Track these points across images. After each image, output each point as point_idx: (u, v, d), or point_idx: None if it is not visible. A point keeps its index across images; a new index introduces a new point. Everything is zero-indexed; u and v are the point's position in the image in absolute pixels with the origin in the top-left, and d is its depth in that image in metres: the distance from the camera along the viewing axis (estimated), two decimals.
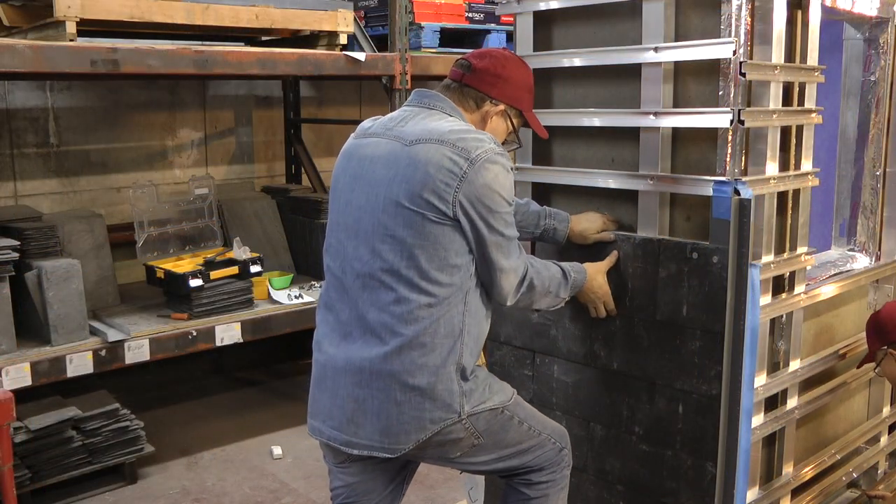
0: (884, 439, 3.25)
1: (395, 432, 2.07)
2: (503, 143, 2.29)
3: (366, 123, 2.27)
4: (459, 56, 2.29)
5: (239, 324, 3.95)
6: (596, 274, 2.46)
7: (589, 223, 2.55)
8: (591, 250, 2.57)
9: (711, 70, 2.34)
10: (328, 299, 2.23)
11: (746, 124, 2.28)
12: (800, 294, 2.59)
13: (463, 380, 2.10)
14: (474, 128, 2.16)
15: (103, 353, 3.59)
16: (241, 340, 3.98)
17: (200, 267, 3.95)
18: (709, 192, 2.32)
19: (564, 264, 2.34)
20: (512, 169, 2.13)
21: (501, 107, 2.23)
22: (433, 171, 2.01)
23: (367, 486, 2.24)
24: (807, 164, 2.56)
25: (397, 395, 2.05)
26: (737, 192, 2.23)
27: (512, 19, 2.84)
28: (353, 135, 2.28)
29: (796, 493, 2.76)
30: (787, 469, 2.68)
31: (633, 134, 2.53)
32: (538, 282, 2.21)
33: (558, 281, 2.29)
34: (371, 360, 2.07)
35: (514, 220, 2.14)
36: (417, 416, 2.06)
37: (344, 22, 4.22)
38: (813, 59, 2.52)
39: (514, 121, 2.28)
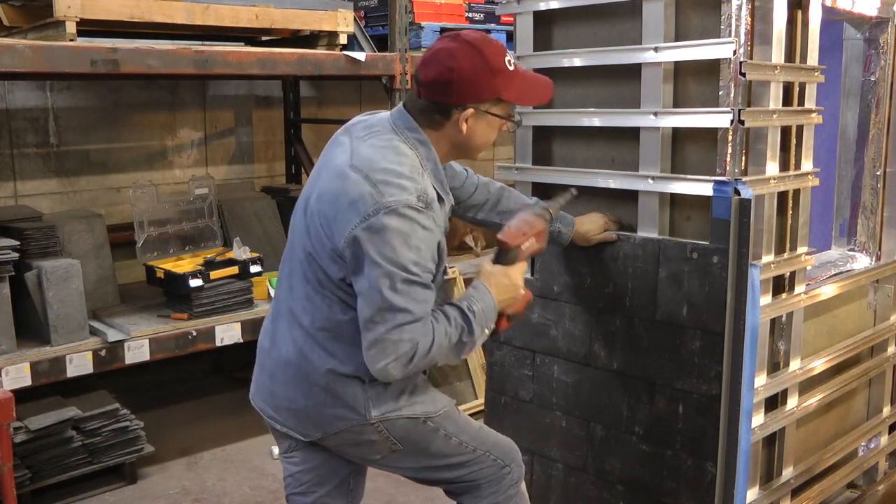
0: (884, 439, 3.25)
1: (302, 420, 2.13)
2: (506, 129, 2.10)
3: (359, 117, 2.19)
4: (421, 60, 2.08)
5: (239, 324, 3.95)
6: (501, 284, 2.11)
7: (591, 224, 2.54)
8: (592, 251, 2.57)
9: (711, 70, 2.34)
10: (279, 276, 2.25)
11: (746, 124, 2.28)
12: (800, 294, 2.59)
13: (367, 384, 2.06)
14: (424, 170, 1.99)
15: (103, 353, 3.59)
16: (241, 340, 3.98)
17: (200, 267, 3.95)
18: (709, 192, 2.32)
19: (464, 298, 2.05)
20: (428, 228, 1.93)
21: (470, 109, 1.99)
22: (344, 203, 1.93)
23: (310, 477, 2.25)
24: (807, 164, 2.56)
25: (303, 387, 2.09)
26: (737, 192, 2.23)
27: (512, 19, 2.84)
28: (345, 125, 2.20)
29: (796, 493, 2.76)
30: (787, 469, 2.68)
31: (633, 134, 2.53)
32: (434, 350, 1.94)
33: (456, 331, 1.99)
34: (287, 349, 2.11)
35: (411, 288, 1.89)
36: (321, 411, 2.09)
37: (344, 22, 4.21)
38: (813, 59, 2.52)
39: (495, 109, 2.02)
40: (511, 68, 2.02)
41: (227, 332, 3.92)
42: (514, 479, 2.25)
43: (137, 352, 3.67)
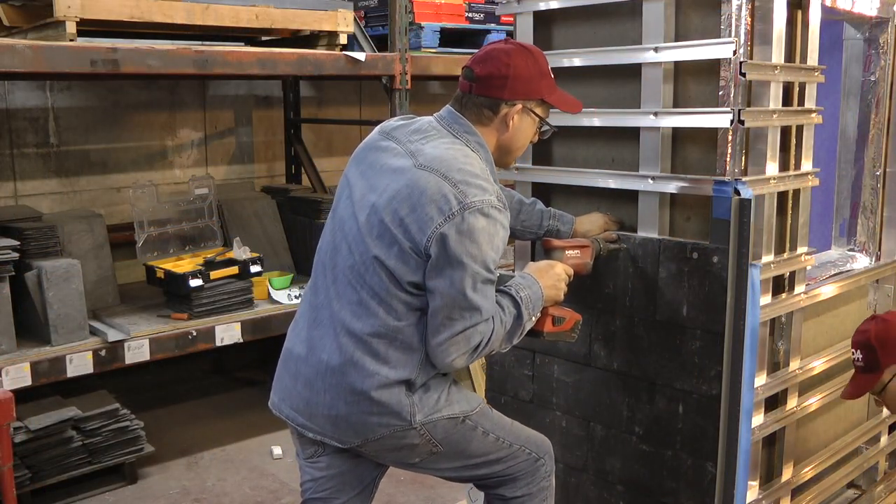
0: (884, 439, 3.25)
1: (341, 427, 2.10)
2: (540, 134, 2.23)
3: (393, 122, 2.25)
4: (465, 61, 2.22)
5: (239, 324, 3.95)
6: (550, 277, 2.24)
7: (591, 224, 2.55)
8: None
9: (711, 70, 2.34)
10: (313, 282, 2.22)
11: (746, 124, 2.28)
12: (800, 294, 2.59)
13: (410, 391, 2.08)
14: (488, 168, 2.10)
15: (103, 353, 3.59)
16: (241, 340, 3.98)
17: (200, 267, 3.95)
18: (709, 192, 2.32)
19: (514, 287, 2.15)
20: (506, 228, 2.04)
21: (518, 105, 2.13)
22: (425, 202, 1.97)
23: (334, 483, 2.24)
24: (807, 164, 2.56)
25: (347, 395, 2.06)
26: (737, 192, 2.23)
27: (512, 19, 2.84)
28: (377, 129, 2.26)
29: (796, 493, 2.76)
30: (787, 469, 2.68)
31: (633, 134, 2.53)
32: (494, 339, 2.05)
33: (511, 320, 2.10)
34: (331, 356, 2.08)
35: (487, 288, 2.00)
36: (364, 418, 2.07)
37: (344, 22, 4.21)
38: (813, 59, 2.52)
39: (538, 110, 2.17)
40: (552, 77, 2.21)
41: (227, 332, 3.92)
42: (548, 472, 2.31)
43: (137, 352, 3.67)
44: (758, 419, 2.49)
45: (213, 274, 3.93)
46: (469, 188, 1.98)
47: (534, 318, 2.17)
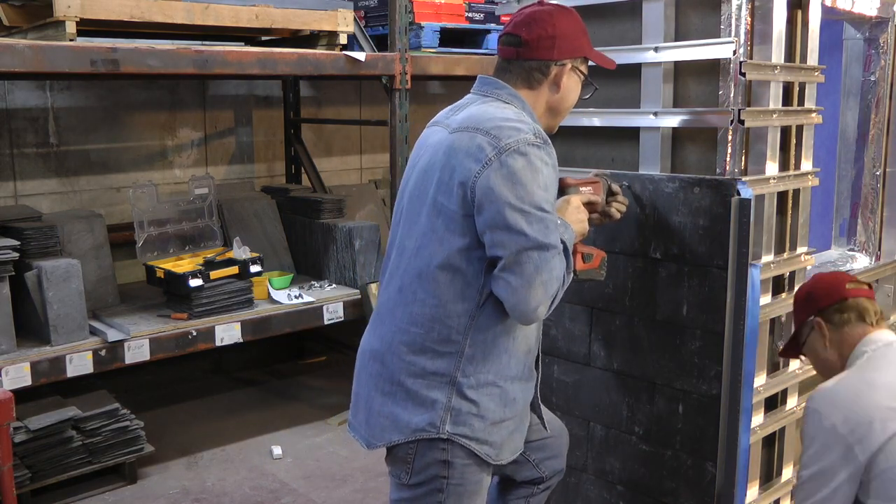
0: None
1: (372, 424, 2.05)
2: (583, 93, 2.19)
3: (441, 113, 2.21)
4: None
5: (239, 324, 3.95)
6: (572, 212, 2.15)
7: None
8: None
9: (711, 70, 2.34)
10: (382, 281, 2.18)
11: (746, 124, 2.28)
12: None
13: (458, 395, 1.97)
14: (526, 115, 2.04)
15: (103, 353, 3.59)
16: (241, 340, 3.98)
17: (200, 267, 3.95)
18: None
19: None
20: (550, 165, 1.95)
21: (568, 65, 2.09)
22: (461, 158, 1.93)
23: None
24: (807, 164, 2.56)
25: (385, 387, 2.02)
26: (737, 192, 2.23)
27: None
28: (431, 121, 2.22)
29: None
30: (787, 469, 2.68)
31: (633, 134, 2.53)
32: (562, 281, 1.97)
33: (565, 264, 2.01)
34: (379, 345, 2.05)
35: (547, 224, 1.90)
36: (396, 414, 2.00)
37: (344, 22, 4.22)
38: (813, 59, 2.52)
39: (582, 68, 2.14)
40: (588, 35, 2.17)
41: (227, 332, 3.92)
42: None
43: (137, 352, 3.67)
44: (758, 419, 2.49)
45: (213, 274, 3.93)
46: (502, 131, 1.92)
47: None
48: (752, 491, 2.54)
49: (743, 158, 2.36)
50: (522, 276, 1.88)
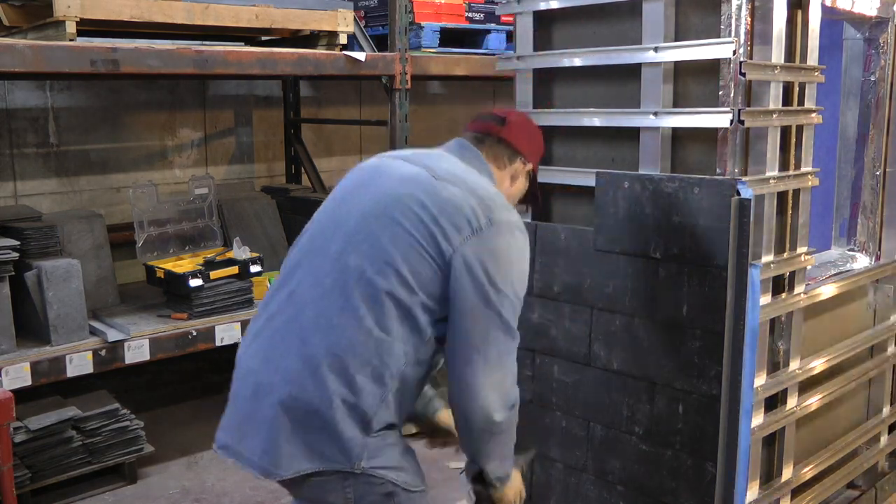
0: (884, 439, 3.25)
1: (275, 453, 1.87)
2: (521, 203, 2.24)
3: (394, 151, 2.17)
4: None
5: (239, 324, 3.95)
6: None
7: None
8: (591, 250, 2.57)
9: (711, 70, 2.34)
10: (274, 295, 2.01)
11: (746, 124, 2.28)
12: (800, 294, 2.59)
13: (364, 432, 1.83)
14: (504, 195, 2.01)
15: (103, 353, 3.59)
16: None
17: (200, 267, 3.95)
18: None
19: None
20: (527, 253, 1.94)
21: (530, 166, 2.15)
22: (450, 210, 1.84)
23: None
24: (807, 164, 2.56)
25: (299, 414, 1.83)
26: (737, 192, 2.23)
27: (512, 19, 2.84)
28: (378, 154, 2.14)
29: (796, 493, 2.76)
30: (787, 469, 2.68)
31: (633, 134, 2.53)
32: (514, 422, 1.93)
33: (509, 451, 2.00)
34: (300, 366, 1.84)
35: (516, 311, 1.88)
36: (309, 442, 1.84)
37: (344, 22, 4.22)
38: (813, 59, 2.52)
39: (529, 182, 2.19)
40: None
41: (227, 332, 3.92)
42: None
43: (137, 352, 3.67)
44: (758, 419, 2.49)
45: (213, 274, 3.93)
46: (495, 204, 1.89)
47: (508, 472, 2.05)
48: (752, 491, 2.55)
49: (743, 158, 2.36)
50: (487, 358, 1.84)
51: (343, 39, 4.25)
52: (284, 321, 1.92)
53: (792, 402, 2.64)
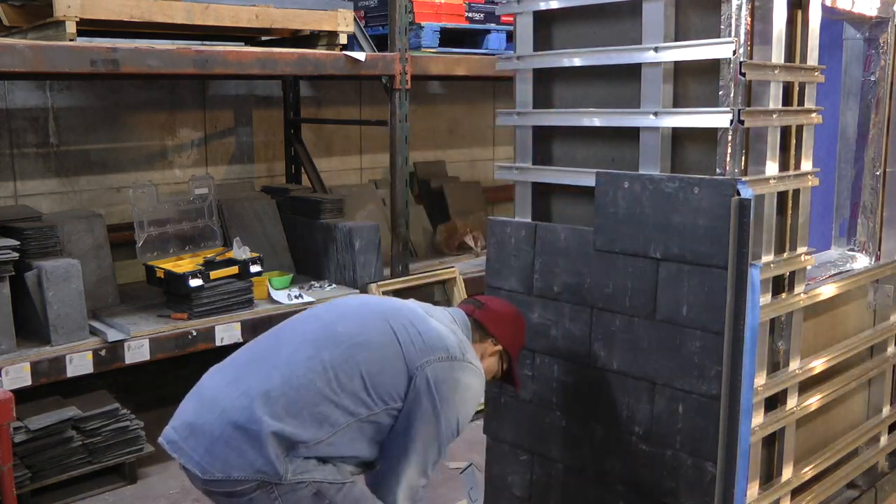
0: (884, 439, 3.25)
1: (215, 454, 2.09)
2: (498, 380, 2.52)
3: None
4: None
5: (239, 324, 3.95)
6: None
7: None
8: (592, 251, 2.57)
9: (711, 70, 2.34)
10: (257, 347, 2.32)
11: (746, 124, 2.28)
12: (800, 294, 2.59)
13: (299, 457, 2.08)
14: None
15: (103, 353, 3.59)
16: (241, 340, 3.97)
17: (200, 267, 3.95)
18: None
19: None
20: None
21: (500, 347, 2.42)
22: (432, 334, 2.21)
23: None
24: (807, 164, 2.56)
25: (242, 421, 2.07)
26: (737, 192, 2.23)
27: (512, 19, 2.84)
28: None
29: (796, 493, 2.76)
30: (787, 469, 2.68)
31: (633, 134, 2.53)
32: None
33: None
34: (264, 385, 2.11)
35: (448, 442, 2.21)
36: (244, 451, 2.06)
37: (344, 22, 4.22)
38: (813, 59, 2.52)
39: (505, 366, 2.46)
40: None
41: (227, 332, 3.92)
42: None
43: (137, 352, 3.67)
44: (758, 419, 2.49)
45: (213, 274, 3.93)
46: (469, 353, 2.27)
47: None
48: (752, 491, 2.54)
49: (743, 158, 2.36)
50: (419, 460, 2.18)
51: (343, 39, 4.25)
52: (261, 354, 2.25)
53: (792, 402, 2.64)
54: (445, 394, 2.15)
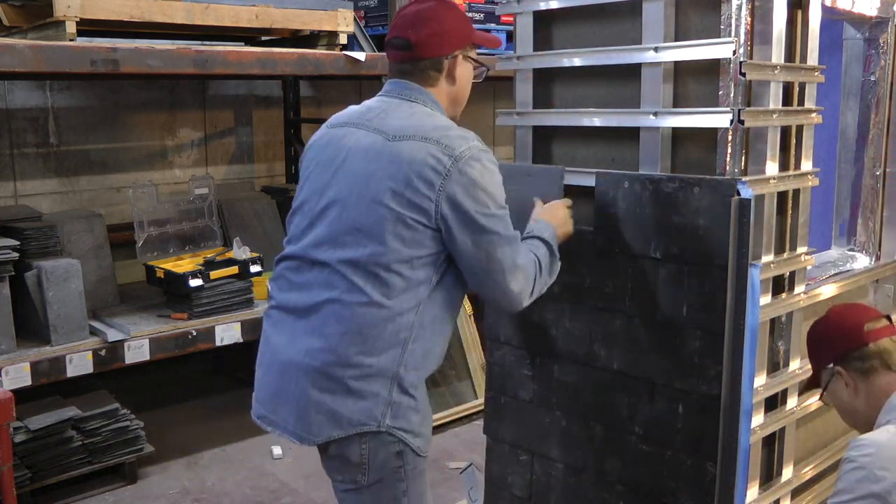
0: None
1: (307, 421, 2.02)
2: (475, 77, 2.26)
3: (339, 115, 2.24)
4: (389, 39, 2.19)
5: (239, 324, 3.95)
6: (554, 214, 2.36)
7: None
8: (592, 251, 2.57)
9: (711, 70, 2.34)
10: (281, 283, 2.21)
11: (746, 124, 2.28)
12: (800, 294, 2.59)
13: (399, 390, 2.01)
14: (455, 124, 2.12)
15: (103, 353, 3.59)
16: (241, 340, 3.98)
17: (200, 267, 3.95)
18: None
19: (536, 231, 2.25)
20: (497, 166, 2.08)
21: (459, 55, 2.17)
22: (417, 168, 1.97)
23: None
24: (807, 164, 2.56)
25: (322, 383, 2.00)
26: (737, 192, 2.23)
27: (512, 19, 2.84)
28: (325, 124, 2.24)
29: (796, 493, 2.76)
30: (787, 469, 2.68)
31: (633, 134, 2.53)
32: (543, 268, 2.15)
33: (547, 254, 2.19)
34: (310, 346, 2.02)
35: (507, 220, 2.06)
36: (335, 411, 2.00)
37: (344, 22, 4.22)
38: (813, 59, 2.52)
39: (471, 54, 2.22)
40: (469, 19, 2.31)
41: (227, 332, 3.92)
42: None
43: (137, 352, 3.67)
44: (758, 419, 2.49)
45: (213, 274, 3.94)
46: (451, 140, 2.01)
47: (558, 259, 2.25)
48: (752, 491, 2.54)
49: (743, 158, 2.36)
50: (503, 272, 2.02)
51: (343, 39, 4.25)
52: (297, 301, 2.11)
53: (792, 402, 2.64)
54: (472, 204, 1.98)
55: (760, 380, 2.48)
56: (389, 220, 1.98)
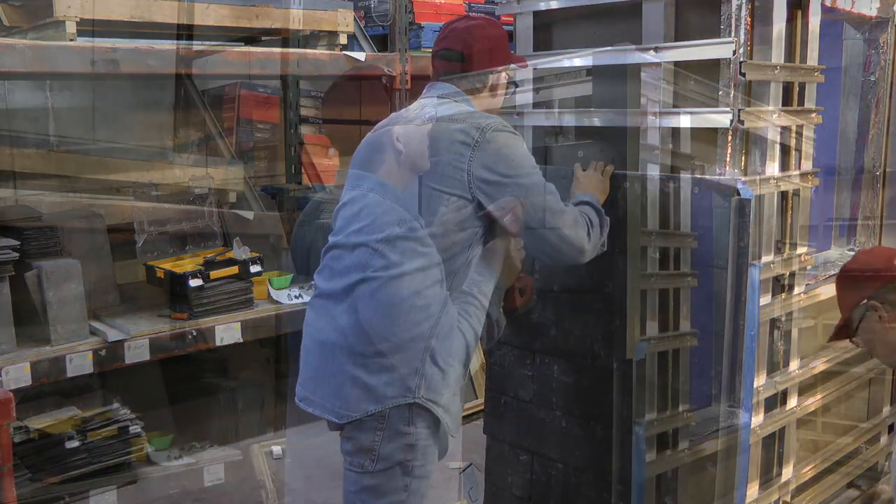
0: (884, 439, 3.25)
1: (344, 396, 2.10)
2: (507, 91, 2.43)
3: (394, 116, 2.42)
4: (439, 49, 2.33)
5: (239, 324, 3.94)
6: (592, 182, 2.43)
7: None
8: None
9: (711, 70, 2.34)
10: (324, 273, 2.30)
11: (746, 124, 2.28)
12: (800, 294, 2.59)
13: (432, 363, 2.09)
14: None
15: (103, 352, 3.58)
16: (241, 340, 3.97)
17: (200, 267, 3.94)
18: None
19: (580, 196, 2.35)
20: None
21: (502, 71, 2.33)
22: (447, 145, 2.11)
23: None
24: (807, 164, 2.56)
25: (357, 359, 2.08)
26: (737, 192, 2.23)
27: (512, 19, 2.84)
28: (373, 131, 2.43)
29: (796, 493, 2.76)
30: (787, 469, 2.68)
31: (633, 133, 2.52)
32: (593, 221, 2.25)
33: (591, 210, 2.29)
34: (345, 324, 2.11)
35: (542, 175, 2.17)
36: (371, 385, 2.07)
37: (344, 22, 4.22)
38: (813, 59, 2.52)
39: (509, 73, 2.39)
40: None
41: (227, 332, 3.91)
42: None
43: (137, 352, 3.67)
44: (758, 419, 2.49)
45: (213, 274, 3.93)
46: (475, 118, 2.16)
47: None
48: (752, 491, 2.54)
49: (743, 158, 2.36)
50: (553, 215, 2.14)
51: (343, 39, 4.25)
52: (340, 289, 2.19)
53: (792, 402, 2.64)
54: (506, 171, 2.12)
55: (760, 380, 2.48)
56: (424, 196, 2.10)
